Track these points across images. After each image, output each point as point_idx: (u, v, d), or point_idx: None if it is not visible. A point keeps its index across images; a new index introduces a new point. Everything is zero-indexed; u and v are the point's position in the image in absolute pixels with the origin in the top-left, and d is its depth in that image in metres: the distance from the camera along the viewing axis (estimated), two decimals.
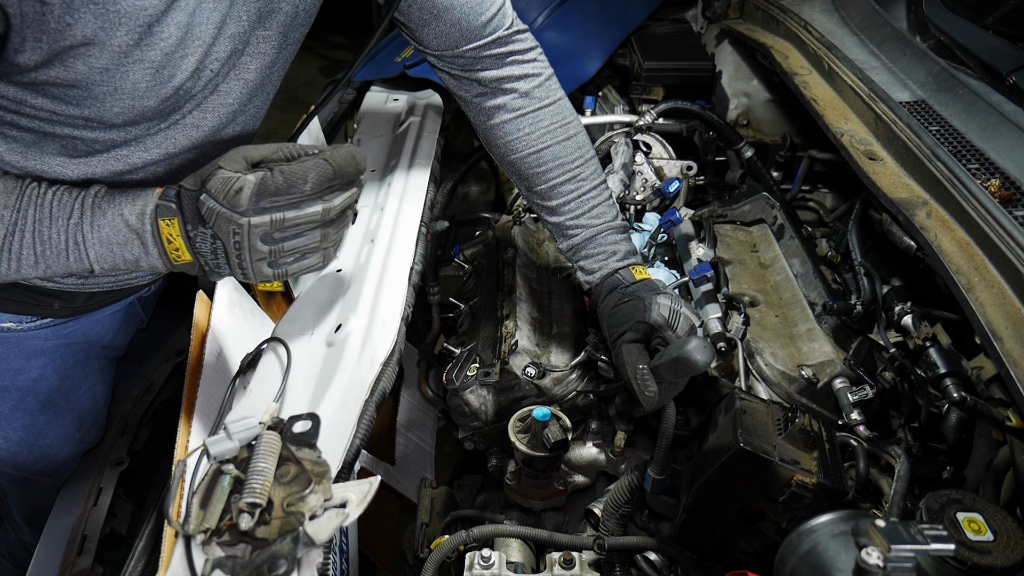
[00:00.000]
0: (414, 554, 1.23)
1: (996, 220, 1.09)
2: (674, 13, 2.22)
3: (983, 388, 1.10)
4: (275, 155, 0.89)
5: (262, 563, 0.78)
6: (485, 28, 1.16)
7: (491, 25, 1.17)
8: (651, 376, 1.01)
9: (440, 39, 1.17)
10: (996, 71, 1.37)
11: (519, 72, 1.20)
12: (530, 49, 1.22)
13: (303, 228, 0.88)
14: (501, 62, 1.19)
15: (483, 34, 1.17)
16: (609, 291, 1.17)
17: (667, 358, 0.97)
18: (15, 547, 1.50)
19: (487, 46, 1.18)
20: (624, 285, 1.16)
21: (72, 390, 1.33)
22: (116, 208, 0.90)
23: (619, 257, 1.20)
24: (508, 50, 1.19)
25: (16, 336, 1.21)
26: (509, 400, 1.23)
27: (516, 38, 1.20)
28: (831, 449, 0.98)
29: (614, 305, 1.14)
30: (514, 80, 1.20)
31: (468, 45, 1.17)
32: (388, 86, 1.92)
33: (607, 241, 1.21)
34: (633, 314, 1.09)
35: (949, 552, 0.69)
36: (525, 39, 1.22)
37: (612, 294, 1.16)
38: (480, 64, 1.19)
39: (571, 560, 0.99)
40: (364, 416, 1.00)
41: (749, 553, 1.00)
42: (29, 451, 1.33)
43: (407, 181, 1.50)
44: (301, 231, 0.89)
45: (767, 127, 1.98)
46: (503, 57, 1.19)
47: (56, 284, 1.17)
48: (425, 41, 1.19)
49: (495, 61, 1.19)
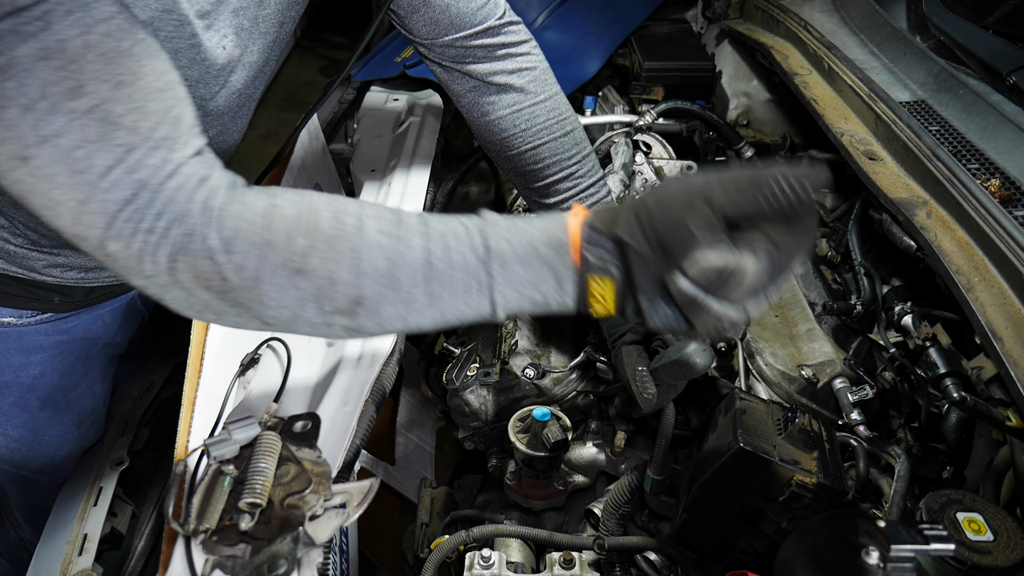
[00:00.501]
0: (414, 554, 1.23)
1: (996, 220, 1.09)
2: (674, 13, 2.22)
3: (983, 388, 1.10)
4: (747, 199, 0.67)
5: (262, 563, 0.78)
6: (475, 16, 1.15)
7: (481, 13, 1.15)
8: (650, 378, 1.01)
9: (429, 26, 1.15)
10: (996, 71, 1.37)
11: (512, 66, 1.19)
12: (523, 42, 1.21)
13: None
14: (492, 54, 1.18)
15: (473, 22, 1.15)
16: None
17: (666, 360, 0.97)
18: (14, 545, 1.50)
19: (477, 35, 1.16)
20: None
21: (72, 387, 1.33)
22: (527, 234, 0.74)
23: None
24: (499, 41, 1.18)
25: (16, 331, 1.21)
26: (509, 400, 1.23)
27: (508, 29, 1.18)
28: (831, 449, 0.98)
29: None
30: (508, 74, 1.19)
31: (457, 33, 1.15)
32: (388, 86, 1.92)
33: None
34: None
35: (949, 552, 0.69)
36: (518, 31, 1.20)
37: None
38: (471, 56, 1.18)
39: (571, 560, 0.99)
40: (364, 416, 1.00)
41: (749, 553, 1.00)
42: (28, 449, 1.33)
43: (407, 181, 1.50)
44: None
45: (767, 127, 1.97)
46: (494, 49, 1.18)
47: (56, 278, 1.17)
48: (414, 29, 1.17)
49: (486, 53, 1.18)
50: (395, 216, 0.73)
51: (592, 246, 0.71)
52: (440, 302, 0.72)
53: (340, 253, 0.70)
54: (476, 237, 0.73)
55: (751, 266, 0.67)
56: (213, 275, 0.69)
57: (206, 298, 0.71)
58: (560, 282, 0.72)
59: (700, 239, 0.67)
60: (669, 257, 0.68)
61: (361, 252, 0.70)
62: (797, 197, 0.66)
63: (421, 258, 0.71)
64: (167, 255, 0.68)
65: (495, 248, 0.72)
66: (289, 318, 0.72)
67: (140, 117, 0.68)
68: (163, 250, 0.68)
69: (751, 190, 0.67)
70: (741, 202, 0.67)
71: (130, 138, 0.67)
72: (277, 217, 0.71)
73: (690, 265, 0.68)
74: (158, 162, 0.68)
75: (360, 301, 0.71)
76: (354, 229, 0.71)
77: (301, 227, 0.70)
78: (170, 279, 0.70)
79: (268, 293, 0.70)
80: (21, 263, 1.13)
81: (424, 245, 0.71)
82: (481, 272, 0.71)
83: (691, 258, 0.67)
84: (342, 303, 0.71)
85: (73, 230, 0.69)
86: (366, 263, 0.70)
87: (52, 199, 0.67)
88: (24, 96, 0.63)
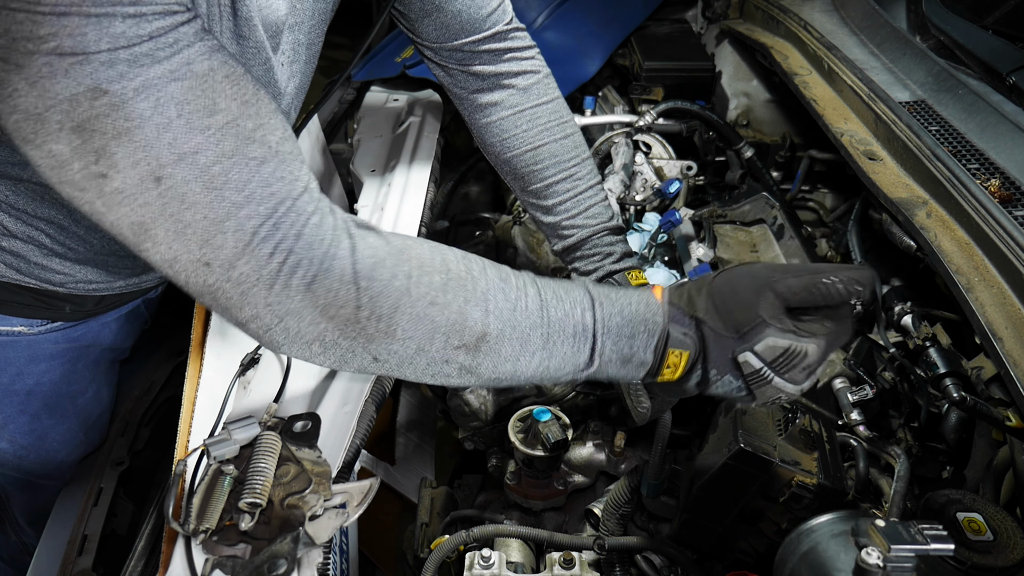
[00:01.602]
0: (414, 554, 1.22)
1: (996, 220, 1.09)
2: (674, 13, 2.22)
3: (983, 388, 1.10)
4: (807, 293, 0.78)
5: (262, 563, 0.78)
6: (485, 22, 1.16)
7: (491, 19, 1.16)
8: (644, 392, 1.01)
9: (440, 31, 1.16)
10: (996, 71, 1.37)
11: (516, 69, 1.20)
12: (528, 47, 1.22)
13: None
14: (498, 58, 1.19)
15: (483, 27, 1.16)
16: None
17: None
18: (16, 551, 1.50)
19: (485, 40, 1.17)
20: None
21: (79, 393, 1.33)
22: (624, 299, 0.82)
23: (615, 259, 1.20)
24: (506, 46, 1.19)
25: (27, 340, 1.21)
26: (509, 400, 1.23)
27: (514, 35, 1.20)
28: (831, 450, 0.98)
29: None
30: (512, 76, 1.20)
31: (467, 38, 1.16)
32: (388, 86, 1.93)
33: (603, 242, 1.21)
34: None
35: (949, 552, 0.70)
36: (523, 37, 1.22)
37: None
38: (477, 59, 1.18)
39: (571, 560, 0.99)
40: (364, 416, 1.00)
41: (749, 553, 1.00)
42: (35, 454, 1.33)
43: (407, 181, 1.50)
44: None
45: (767, 127, 1.97)
46: (500, 53, 1.19)
47: (68, 289, 1.17)
48: (424, 33, 1.18)
49: (492, 56, 1.19)
50: (504, 269, 0.80)
51: (675, 322, 0.81)
52: (551, 345, 0.78)
53: (470, 292, 0.75)
54: (581, 288, 0.81)
55: (813, 349, 0.78)
56: (348, 302, 0.70)
57: (323, 328, 0.71)
58: (650, 338, 0.80)
59: (771, 323, 0.77)
60: (744, 338, 0.78)
61: (488, 293, 0.76)
62: (847, 295, 0.78)
63: (538, 303, 0.78)
64: (304, 277, 0.68)
65: (598, 298, 0.80)
66: (412, 352, 0.74)
67: (267, 132, 0.69)
68: (300, 272, 0.68)
69: (811, 286, 0.78)
70: (802, 295, 0.78)
71: (262, 151, 0.68)
72: (412, 254, 0.74)
73: (762, 346, 0.78)
74: (290, 176, 0.69)
75: (485, 338, 0.76)
76: (480, 273, 0.78)
77: (435, 265, 0.75)
78: (301, 304, 0.69)
79: (401, 323, 0.72)
80: (38, 275, 1.13)
81: (538, 293, 0.79)
82: (588, 316, 0.79)
83: (763, 339, 0.78)
84: (469, 338, 0.75)
85: (198, 254, 0.67)
86: (492, 303, 0.76)
87: (182, 221, 0.66)
88: (160, 115, 0.63)
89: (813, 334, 0.79)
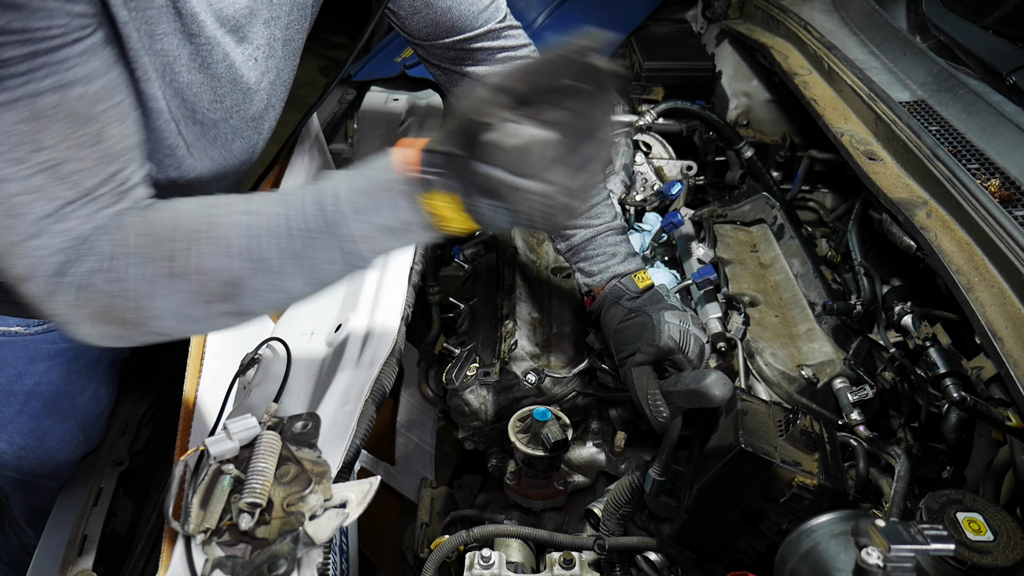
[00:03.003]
0: (414, 554, 1.22)
1: (996, 220, 1.09)
2: (674, 13, 2.22)
3: (983, 388, 1.10)
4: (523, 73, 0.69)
5: (262, 563, 0.78)
6: (478, 19, 1.14)
7: (483, 16, 1.15)
8: (663, 401, 1.01)
9: (430, 27, 1.15)
10: (996, 71, 1.37)
11: None
12: (523, 46, 1.20)
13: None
14: (492, 57, 1.17)
15: (475, 25, 1.15)
16: (613, 303, 1.16)
17: (683, 387, 0.96)
18: (16, 552, 1.50)
19: (478, 38, 1.16)
20: (629, 297, 1.15)
21: (77, 393, 1.33)
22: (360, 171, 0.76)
23: (620, 259, 1.20)
24: (499, 44, 1.17)
25: (24, 340, 1.21)
26: (509, 400, 1.23)
27: (508, 33, 1.18)
28: (832, 451, 0.98)
29: (620, 320, 1.13)
30: None
31: (459, 35, 1.15)
32: (388, 86, 1.92)
33: (607, 242, 1.20)
34: (642, 334, 1.08)
35: (949, 552, 0.70)
36: (518, 35, 1.20)
37: (616, 307, 1.15)
38: (470, 58, 1.17)
39: (571, 560, 0.99)
40: (364, 416, 1.00)
41: (749, 554, 1.00)
42: (33, 454, 1.33)
43: None
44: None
45: (767, 127, 1.97)
46: (494, 52, 1.17)
47: None
48: (414, 30, 1.17)
49: (486, 56, 1.17)
50: (256, 199, 0.78)
51: (427, 165, 0.72)
52: (306, 258, 0.74)
53: (206, 245, 0.74)
54: (320, 186, 0.75)
55: (540, 134, 0.67)
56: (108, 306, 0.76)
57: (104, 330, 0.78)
58: (395, 196, 0.72)
59: (493, 125, 0.67)
60: (475, 151, 0.68)
61: (230, 238, 0.74)
62: (579, 63, 0.67)
63: (282, 223, 0.73)
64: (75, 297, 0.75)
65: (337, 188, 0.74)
66: (182, 322, 0.78)
67: (84, 177, 0.73)
68: (72, 293, 0.75)
69: (537, 67, 0.68)
70: (531, 80, 0.68)
71: (71, 193, 0.72)
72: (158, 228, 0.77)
73: (490, 153, 0.67)
74: (87, 213, 0.74)
75: (236, 283, 0.74)
76: (225, 216, 0.76)
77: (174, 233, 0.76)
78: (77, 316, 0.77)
79: (157, 305, 0.76)
80: None
81: (284, 211, 0.74)
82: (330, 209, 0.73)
83: (489, 145, 0.67)
84: (222, 290, 0.75)
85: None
86: (234, 247, 0.74)
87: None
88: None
89: (541, 118, 0.67)
